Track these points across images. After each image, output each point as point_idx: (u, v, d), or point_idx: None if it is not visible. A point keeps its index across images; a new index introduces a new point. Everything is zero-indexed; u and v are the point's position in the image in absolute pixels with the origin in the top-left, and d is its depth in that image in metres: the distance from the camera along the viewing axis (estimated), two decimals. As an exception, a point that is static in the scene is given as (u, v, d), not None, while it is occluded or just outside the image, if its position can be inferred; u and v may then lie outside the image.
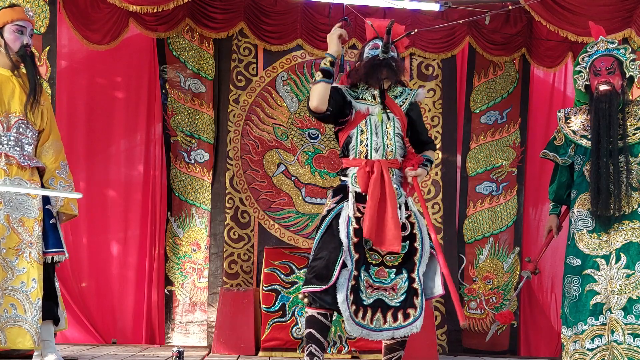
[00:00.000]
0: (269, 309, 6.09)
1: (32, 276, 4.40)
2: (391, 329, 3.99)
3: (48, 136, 4.62)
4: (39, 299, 4.40)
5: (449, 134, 6.99)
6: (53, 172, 4.59)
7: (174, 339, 6.69)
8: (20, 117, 4.47)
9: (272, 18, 6.82)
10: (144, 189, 6.82)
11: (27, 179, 4.46)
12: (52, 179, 4.59)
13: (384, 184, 4.04)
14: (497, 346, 6.88)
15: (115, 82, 6.85)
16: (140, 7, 5.90)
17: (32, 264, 4.40)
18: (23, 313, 4.36)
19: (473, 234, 6.98)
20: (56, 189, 4.56)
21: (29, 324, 4.37)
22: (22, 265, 4.39)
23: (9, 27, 4.47)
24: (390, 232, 3.98)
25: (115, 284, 6.74)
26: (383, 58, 4.17)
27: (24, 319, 4.36)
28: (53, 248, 4.52)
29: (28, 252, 4.42)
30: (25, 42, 4.49)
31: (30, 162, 4.49)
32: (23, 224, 4.43)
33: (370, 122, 4.15)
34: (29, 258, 4.41)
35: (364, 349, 5.99)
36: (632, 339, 4.24)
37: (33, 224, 4.44)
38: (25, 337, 4.34)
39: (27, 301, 4.38)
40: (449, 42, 6.93)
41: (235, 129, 6.80)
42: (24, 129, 4.50)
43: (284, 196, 6.81)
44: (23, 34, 4.49)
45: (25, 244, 4.42)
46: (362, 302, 3.98)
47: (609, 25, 5.88)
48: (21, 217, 4.43)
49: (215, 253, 6.70)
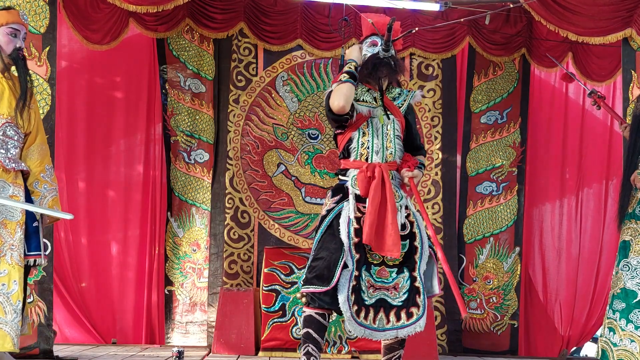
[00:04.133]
0: (269, 309, 6.09)
1: (13, 278, 4.35)
2: (394, 329, 3.98)
3: (34, 139, 4.56)
4: (19, 302, 4.34)
5: (449, 134, 6.99)
6: (37, 175, 4.53)
7: (174, 339, 6.69)
8: (8, 119, 4.41)
9: (272, 18, 6.82)
10: (144, 189, 6.82)
11: (10, 181, 4.41)
12: (36, 182, 4.53)
13: (385, 189, 4.03)
14: (497, 346, 6.88)
15: (115, 82, 6.85)
16: (140, 7, 5.89)
17: (13, 267, 4.36)
18: (3, 315, 4.31)
19: (473, 234, 6.98)
20: (40, 192, 4.50)
21: (10, 326, 4.31)
22: (3, 267, 4.34)
23: (2, 29, 4.44)
24: (390, 238, 3.96)
25: (115, 284, 6.74)
26: (383, 56, 4.16)
27: (4, 321, 4.31)
28: (35, 251, 4.49)
29: (10, 255, 4.36)
30: (18, 45, 4.46)
31: (15, 165, 4.44)
32: (5, 227, 4.38)
33: (372, 125, 4.14)
34: (11, 260, 4.36)
35: (364, 349, 5.99)
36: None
37: (15, 227, 4.39)
38: (5, 339, 4.29)
39: (8, 303, 4.33)
40: (449, 42, 6.93)
41: (235, 129, 6.79)
42: (10, 132, 4.44)
43: (284, 196, 6.80)
44: (16, 37, 4.46)
45: (7, 246, 4.36)
46: (364, 302, 3.97)
47: (609, 25, 5.87)
48: (3, 219, 4.38)
49: (215, 253, 6.70)
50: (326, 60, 6.89)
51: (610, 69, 6.78)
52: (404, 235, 4.05)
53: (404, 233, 4.05)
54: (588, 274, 7.07)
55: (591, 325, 7.06)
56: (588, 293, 7.08)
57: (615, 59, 6.47)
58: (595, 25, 5.92)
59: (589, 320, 7.04)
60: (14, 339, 4.32)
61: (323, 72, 6.89)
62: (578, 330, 7.01)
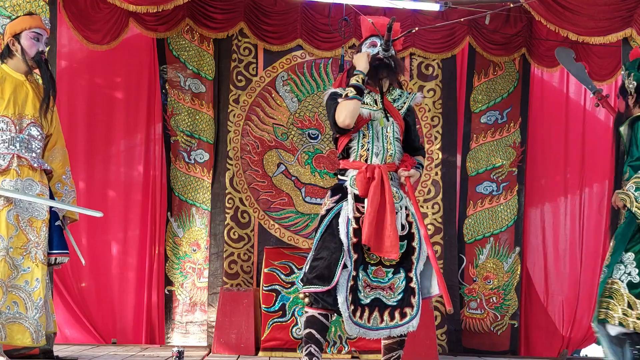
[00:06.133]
0: (269, 309, 6.09)
1: (36, 276, 4.54)
2: (388, 328, 4.00)
3: (55, 142, 4.80)
4: (40, 298, 4.53)
5: (449, 134, 6.99)
6: (60, 177, 4.77)
7: (174, 339, 6.69)
8: (33, 120, 4.63)
9: (272, 18, 6.82)
10: (144, 189, 6.82)
11: (37, 180, 4.61)
12: (58, 183, 4.76)
13: (384, 190, 4.04)
14: (498, 346, 6.88)
15: (115, 82, 6.85)
16: (140, 7, 5.90)
17: (36, 264, 4.54)
18: (24, 311, 4.48)
19: (473, 234, 6.98)
20: (62, 193, 4.75)
21: (30, 322, 4.48)
22: (27, 265, 4.52)
23: (26, 33, 4.66)
24: (389, 240, 3.98)
25: (115, 284, 6.74)
26: (384, 57, 4.16)
27: (25, 317, 4.48)
28: (57, 249, 4.70)
29: (34, 253, 4.55)
30: (41, 48, 4.69)
31: (42, 164, 4.65)
32: (31, 225, 4.57)
33: (372, 127, 4.15)
34: (35, 258, 4.54)
35: (364, 349, 5.99)
36: None
37: (41, 225, 4.59)
38: (25, 335, 4.46)
39: (29, 300, 4.50)
40: (449, 42, 6.93)
41: (235, 129, 6.79)
42: (34, 132, 4.65)
43: (284, 196, 6.80)
44: (39, 41, 4.69)
45: (32, 244, 4.55)
46: (359, 301, 3.99)
47: (609, 25, 5.88)
48: (30, 217, 4.57)
49: (215, 253, 6.70)
50: (326, 60, 6.89)
51: (611, 69, 6.78)
52: (402, 236, 4.05)
53: (402, 233, 4.06)
54: (590, 274, 7.05)
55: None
56: (591, 294, 7.06)
57: (616, 59, 6.47)
58: (596, 25, 5.93)
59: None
60: (33, 334, 4.48)
61: (323, 72, 6.89)
62: (581, 332, 6.98)
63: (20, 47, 4.64)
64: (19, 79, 4.65)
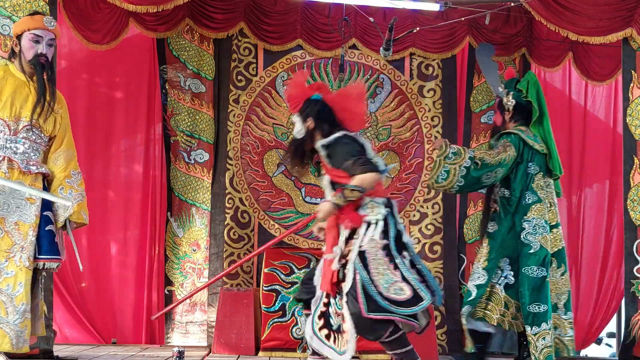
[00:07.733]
0: (269, 309, 6.09)
1: (20, 280, 4.42)
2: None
3: (60, 144, 4.68)
4: (23, 303, 4.41)
5: (449, 134, 6.97)
6: (62, 180, 4.63)
7: (174, 339, 6.69)
8: (30, 123, 4.53)
9: (272, 18, 6.82)
10: (143, 189, 6.82)
11: (29, 183, 4.49)
12: (61, 187, 4.63)
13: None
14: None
15: (115, 82, 6.85)
16: (140, 7, 5.89)
17: (20, 268, 4.43)
18: (5, 315, 4.37)
19: (473, 234, 6.97)
20: (65, 198, 4.58)
21: (10, 327, 4.37)
22: (10, 269, 4.42)
23: (26, 34, 4.56)
24: None
25: (115, 284, 6.74)
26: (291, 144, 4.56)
27: (5, 322, 4.37)
28: (45, 255, 4.55)
29: (19, 257, 4.44)
30: (40, 51, 4.55)
31: (37, 167, 4.53)
32: (18, 228, 4.46)
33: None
34: (19, 262, 4.43)
35: (364, 349, 5.98)
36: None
37: (28, 229, 4.47)
38: (4, 339, 4.35)
39: (11, 304, 4.39)
40: (449, 42, 6.92)
41: (235, 129, 6.79)
42: (32, 135, 4.55)
43: (284, 196, 6.81)
44: (39, 42, 4.56)
45: (18, 247, 4.44)
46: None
47: (609, 25, 5.88)
48: (17, 220, 4.46)
49: (215, 253, 6.70)
50: (326, 60, 6.89)
51: (611, 69, 6.78)
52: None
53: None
54: (591, 275, 7.05)
55: (595, 327, 7.05)
56: (591, 295, 7.07)
57: (616, 59, 6.47)
58: (596, 25, 5.93)
59: (593, 322, 7.04)
60: (13, 340, 4.36)
61: (323, 72, 6.88)
62: (581, 333, 6.96)
63: (20, 48, 4.57)
64: (21, 79, 4.58)
